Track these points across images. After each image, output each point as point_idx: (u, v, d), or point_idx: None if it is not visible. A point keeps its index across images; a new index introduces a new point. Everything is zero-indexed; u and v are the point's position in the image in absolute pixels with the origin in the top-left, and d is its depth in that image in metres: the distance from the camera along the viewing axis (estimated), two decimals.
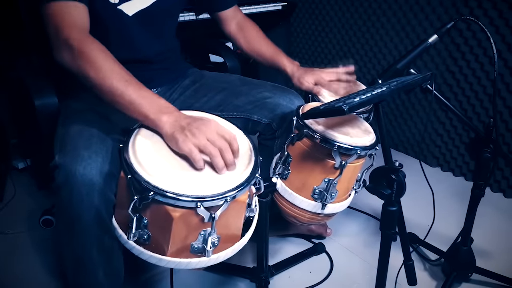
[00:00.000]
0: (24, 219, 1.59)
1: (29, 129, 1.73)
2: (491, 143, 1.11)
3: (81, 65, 0.86)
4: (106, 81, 0.84)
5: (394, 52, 2.04)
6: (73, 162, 0.84)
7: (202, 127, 0.81)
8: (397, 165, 0.85)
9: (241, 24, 1.30)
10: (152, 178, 0.75)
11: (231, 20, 1.30)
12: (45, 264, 1.38)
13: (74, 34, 0.88)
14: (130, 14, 1.05)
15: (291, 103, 1.18)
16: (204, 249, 0.80)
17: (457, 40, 1.77)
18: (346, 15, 2.21)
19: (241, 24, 1.30)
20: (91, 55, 0.86)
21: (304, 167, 1.03)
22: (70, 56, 0.87)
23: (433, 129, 1.98)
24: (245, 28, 1.30)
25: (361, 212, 1.67)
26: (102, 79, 0.84)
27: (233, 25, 1.30)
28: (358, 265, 1.42)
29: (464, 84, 1.80)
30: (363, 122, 1.09)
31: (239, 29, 1.30)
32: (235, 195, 0.78)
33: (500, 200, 1.77)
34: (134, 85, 0.86)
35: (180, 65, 1.29)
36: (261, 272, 1.24)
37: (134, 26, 1.07)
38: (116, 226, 0.87)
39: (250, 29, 1.30)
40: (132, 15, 1.05)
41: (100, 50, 0.88)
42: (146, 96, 0.85)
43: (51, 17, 0.90)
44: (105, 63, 0.86)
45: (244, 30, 1.30)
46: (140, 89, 0.86)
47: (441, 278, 1.33)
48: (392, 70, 1.12)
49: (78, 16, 0.92)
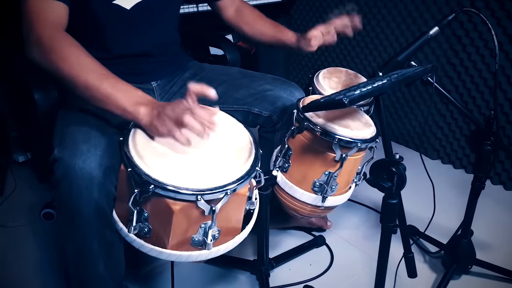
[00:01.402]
0: (25, 213, 1.60)
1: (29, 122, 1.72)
2: (491, 136, 1.11)
3: (52, 62, 0.84)
4: (80, 76, 0.83)
5: (395, 44, 2.03)
6: (72, 156, 0.84)
7: (174, 105, 0.80)
8: (398, 157, 0.85)
9: (239, 9, 1.30)
10: (152, 171, 0.75)
11: (230, 7, 1.29)
12: (46, 257, 1.39)
13: (46, 31, 0.87)
14: (128, 8, 1.04)
15: (292, 95, 1.18)
16: (205, 242, 0.80)
17: (458, 32, 1.75)
18: (347, 8, 2.19)
19: (240, 9, 1.30)
20: (63, 51, 0.85)
21: (304, 160, 1.03)
22: (42, 54, 0.85)
23: (434, 121, 1.97)
24: (243, 12, 1.29)
25: (361, 205, 1.68)
26: (76, 75, 0.83)
27: (232, 11, 1.29)
28: (358, 258, 1.42)
29: (465, 76, 1.80)
30: (364, 115, 1.09)
31: (238, 14, 1.29)
32: (235, 188, 0.78)
33: (500, 193, 1.77)
34: (110, 78, 0.84)
35: (180, 58, 1.28)
36: (261, 264, 1.24)
37: (132, 20, 1.06)
38: (116, 219, 0.87)
39: (249, 12, 1.29)
40: (130, 8, 1.04)
41: (72, 46, 0.86)
42: (122, 89, 0.84)
43: (27, 13, 0.89)
44: (78, 58, 0.85)
45: (243, 14, 1.29)
46: (117, 83, 0.84)
47: (441, 270, 1.34)
48: (393, 62, 1.11)
49: (53, 14, 0.90)
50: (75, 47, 0.86)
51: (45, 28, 0.87)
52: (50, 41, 0.85)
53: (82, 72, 0.83)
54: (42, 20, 0.88)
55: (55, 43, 0.85)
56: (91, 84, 0.83)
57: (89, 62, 0.85)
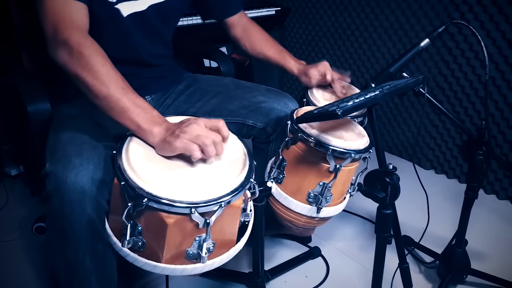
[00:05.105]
0: (17, 226, 1.58)
1: (21, 135, 1.71)
2: (483, 145, 1.12)
3: (78, 69, 0.84)
4: (103, 87, 0.83)
5: (387, 56, 2.06)
6: (64, 170, 0.83)
7: (192, 125, 0.81)
8: (391, 168, 0.86)
9: (246, 28, 1.31)
10: (145, 185, 0.75)
11: (237, 25, 1.31)
12: (38, 272, 1.37)
13: (74, 36, 0.87)
14: (124, 15, 1.04)
15: (286, 107, 1.18)
16: (199, 255, 0.80)
17: (448, 43, 1.78)
18: (340, 20, 2.22)
19: (246, 27, 1.31)
20: (90, 59, 0.85)
21: (299, 171, 1.03)
22: (68, 58, 0.85)
23: (426, 132, 1.99)
24: (249, 32, 1.31)
25: (356, 216, 1.68)
26: (99, 85, 0.83)
27: (239, 29, 1.31)
28: (354, 269, 1.42)
29: (456, 87, 1.82)
30: (357, 126, 1.10)
31: (244, 33, 1.31)
32: (229, 200, 0.78)
33: (493, 202, 1.78)
34: (130, 94, 0.85)
35: (175, 71, 1.29)
36: (257, 277, 1.23)
37: (129, 27, 1.06)
38: (110, 233, 0.86)
39: (255, 32, 1.31)
40: (126, 16, 1.05)
41: (99, 55, 0.87)
42: (140, 106, 0.84)
43: (49, 14, 0.89)
44: (103, 68, 0.85)
45: (249, 33, 1.31)
46: (136, 99, 0.85)
47: (436, 280, 1.34)
48: (385, 74, 1.13)
49: (78, 16, 0.91)
50: (101, 56, 0.87)
51: (72, 31, 0.87)
52: (79, 47, 0.85)
53: (105, 82, 0.83)
54: (68, 22, 0.88)
55: (83, 49, 0.85)
56: (111, 95, 0.83)
57: (113, 73, 0.86)
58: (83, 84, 0.85)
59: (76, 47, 0.85)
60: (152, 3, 1.08)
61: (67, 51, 0.86)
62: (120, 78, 0.86)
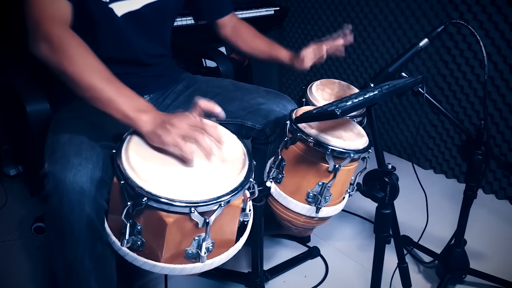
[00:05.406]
0: (16, 226, 1.57)
1: (21, 135, 1.71)
2: (482, 145, 1.12)
3: (59, 60, 0.84)
4: (85, 77, 0.83)
5: (386, 55, 2.06)
6: (63, 170, 0.83)
7: (181, 117, 0.81)
8: (390, 168, 0.86)
9: (236, 27, 1.32)
10: (145, 184, 0.75)
11: (227, 25, 1.31)
12: (37, 272, 1.36)
13: (55, 28, 0.86)
14: (119, 15, 1.04)
15: (285, 109, 1.19)
16: (199, 255, 0.80)
17: (447, 43, 1.79)
18: (338, 20, 2.22)
19: (236, 27, 1.32)
20: (71, 50, 0.84)
21: (298, 170, 1.03)
22: (49, 51, 0.85)
23: (425, 131, 1.99)
24: (240, 30, 1.32)
25: (355, 215, 1.68)
26: (81, 75, 0.83)
27: (229, 29, 1.32)
28: (353, 268, 1.42)
29: (455, 87, 1.82)
30: (356, 126, 1.10)
31: (235, 33, 1.32)
32: (229, 199, 0.78)
33: (492, 202, 1.79)
34: (115, 83, 0.84)
35: (173, 71, 1.29)
36: (256, 277, 1.23)
37: (123, 27, 1.06)
38: (109, 232, 0.86)
39: (245, 30, 1.32)
40: (121, 16, 1.04)
41: (80, 46, 0.86)
42: (125, 94, 0.84)
43: (32, 8, 0.89)
44: (84, 59, 0.85)
45: (240, 31, 1.32)
46: (121, 87, 0.84)
47: (435, 280, 1.34)
48: (384, 73, 1.13)
49: (60, 11, 0.91)
50: (83, 47, 0.86)
51: (54, 25, 0.87)
52: (59, 39, 0.85)
53: (87, 73, 0.83)
54: (50, 16, 0.88)
55: (64, 41, 0.85)
56: (94, 85, 0.82)
57: (95, 64, 0.85)
58: (66, 76, 0.84)
59: (57, 39, 0.85)
60: (147, 2, 1.08)
61: (48, 44, 0.85)
62: (104, 69, 0.85)
